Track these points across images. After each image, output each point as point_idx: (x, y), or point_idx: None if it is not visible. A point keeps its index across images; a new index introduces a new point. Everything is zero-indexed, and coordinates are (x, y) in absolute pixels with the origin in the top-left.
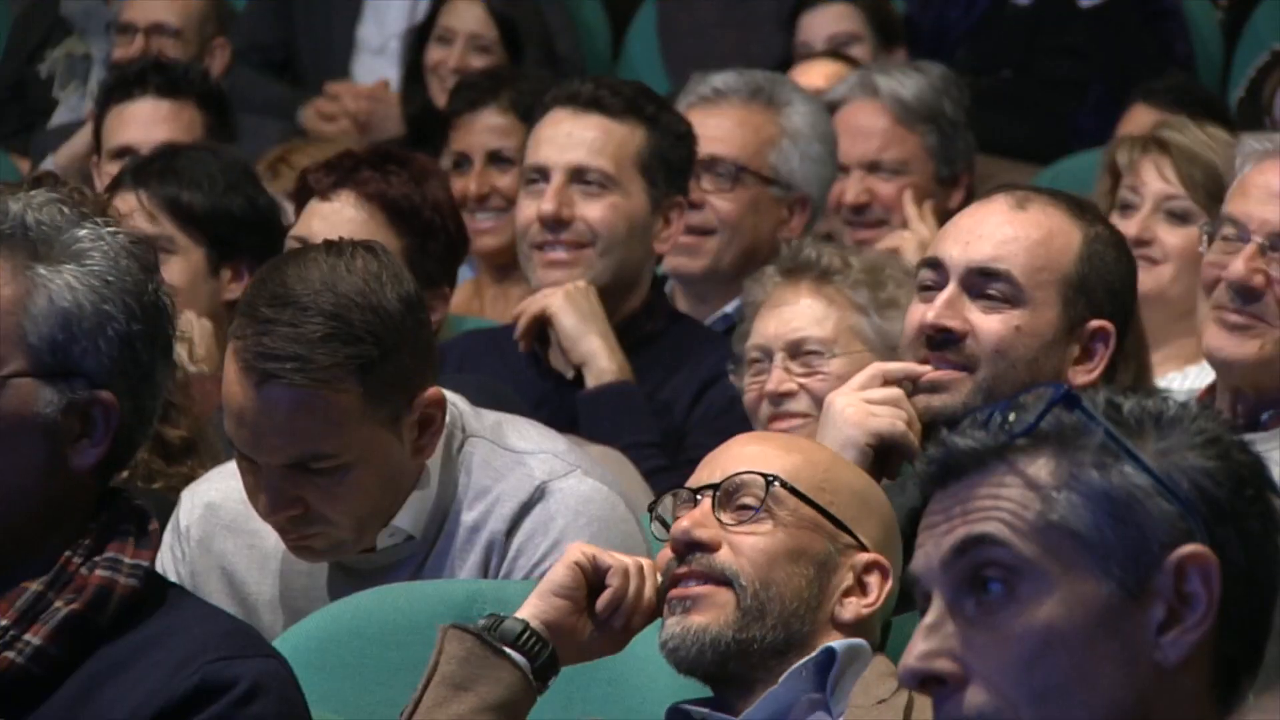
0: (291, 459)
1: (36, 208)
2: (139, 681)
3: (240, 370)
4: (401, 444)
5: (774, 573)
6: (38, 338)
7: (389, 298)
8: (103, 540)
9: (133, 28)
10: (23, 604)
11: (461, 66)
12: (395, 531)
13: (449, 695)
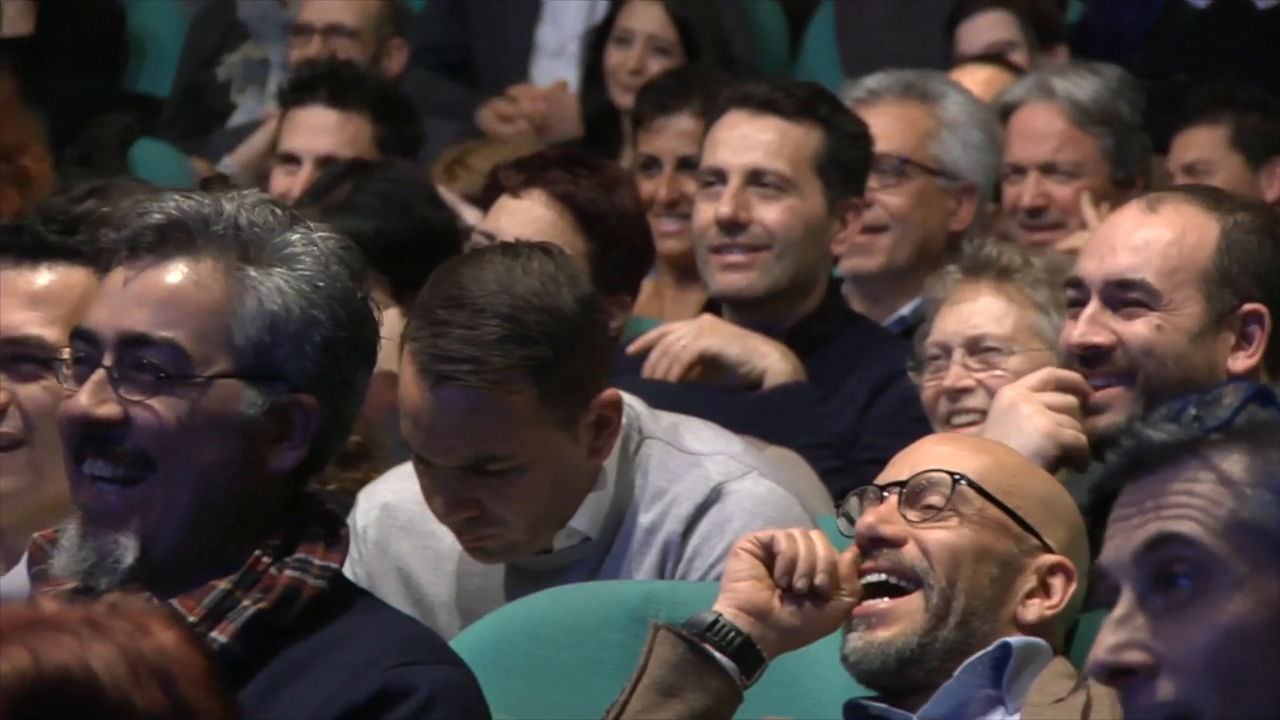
0: (466, 460)
1: (249, 208)
2: (320, 683)
3: (416, 372)
4: (576, 446)
5: (959, 570)
6: (244, 339)
7: (565, 299)
8: (293, 541)
9: (309, 29)
10: (210, 602)
11: (640, 68)
12: (572, 533)
13: (657, 702)
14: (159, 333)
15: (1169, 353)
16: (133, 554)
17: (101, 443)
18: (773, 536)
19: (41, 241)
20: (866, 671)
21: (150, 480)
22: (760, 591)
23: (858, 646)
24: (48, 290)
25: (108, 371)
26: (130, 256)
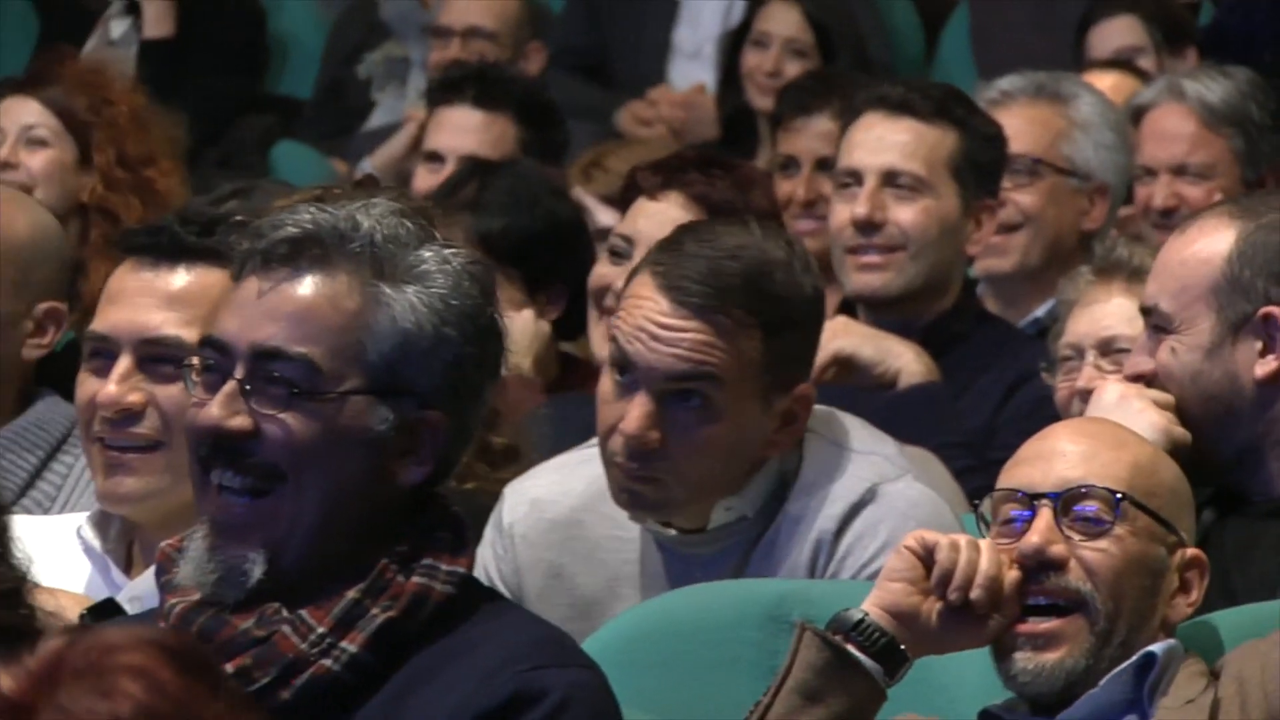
0: (683, 373)
1: (383, 223)
2: (451, 688)
3: (658, 288)
4: (762, 425)
5: (1123, 590)
6: (377, 355)
7: (805, 281)
8: (420, 548)
9: (449, 31)
10: (340, 611)
11: (777, 70)
12: (731, 509)
13: (799, 706)
14: (293, 348)
15: (1184, 373)
16: (260, 568)
17: (231, 455)
18: (936, 542)
19: (180, 243)
20: (1037, 693)
21: (279, 492)
22: (911, 595)
23: (1028, 668)
24: (186, 291)
25: (239, 384)
26: (264, 267)
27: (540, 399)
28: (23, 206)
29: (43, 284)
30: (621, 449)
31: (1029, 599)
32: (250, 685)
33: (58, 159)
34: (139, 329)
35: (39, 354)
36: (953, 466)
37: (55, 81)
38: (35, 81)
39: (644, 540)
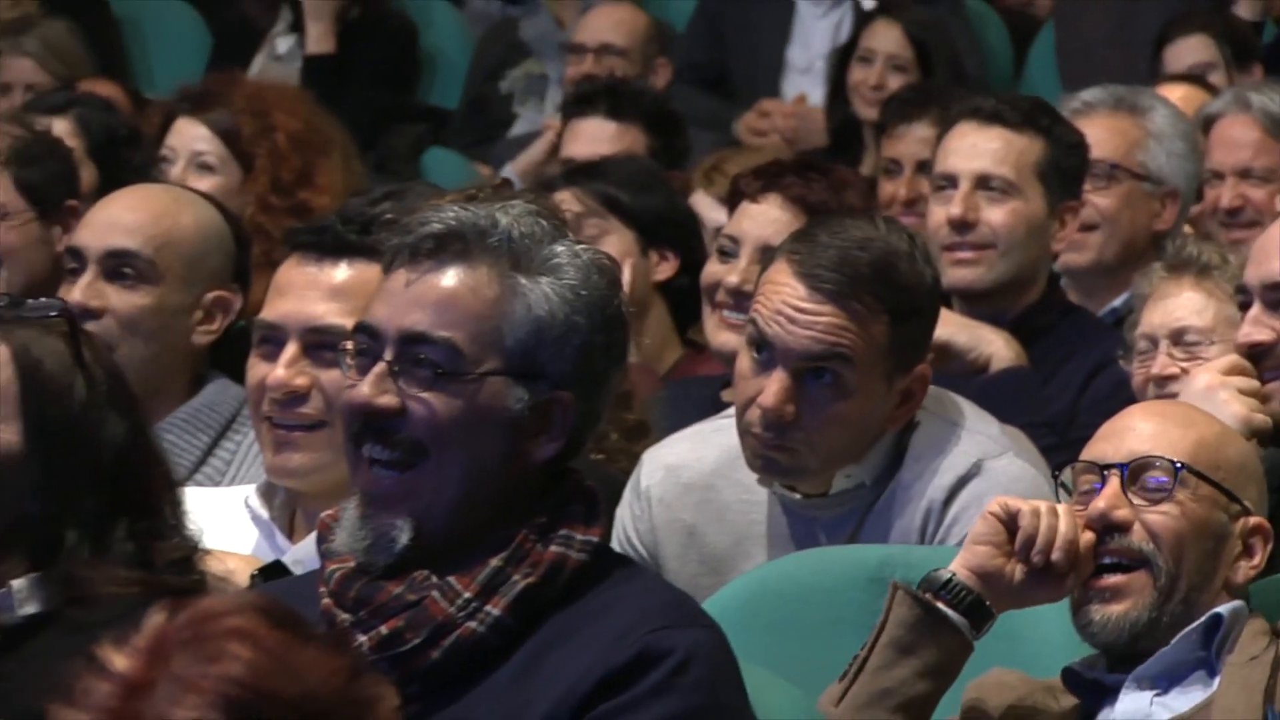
0: (818, 353)
1: (520, 221)
2: (584, 649)
3: (794, 274)
4: (885, 402)
5: (1183, 551)
6: (513, 341)
7: (924, 271)
8: (556, 519)
9: (583, 48)
10: (484, 578)
11: (880, 84)
12: (852, 477)
13: (894, 658)
14: (438, 332)
15: None
16: (407, 535)
17: (379, 431)
18: (1019, 509)
19: (341, 240)
20: (1104, 642)
21: (422, 467)
22: (995, 558)
23: (1096, 619)
24: (346, 284)
25: (388, 365)
26: (411, 260)
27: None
28: (187, 203)
29: (210, 275)
30: (759, 420)
31: (1099, 558)
32: (403, 646)
33: (224, 185)
34: (305, 318)
35: (208, 340)
36: (1039, 444)
37: (223, 104)
38: (204, 104)
39: (770, 503)
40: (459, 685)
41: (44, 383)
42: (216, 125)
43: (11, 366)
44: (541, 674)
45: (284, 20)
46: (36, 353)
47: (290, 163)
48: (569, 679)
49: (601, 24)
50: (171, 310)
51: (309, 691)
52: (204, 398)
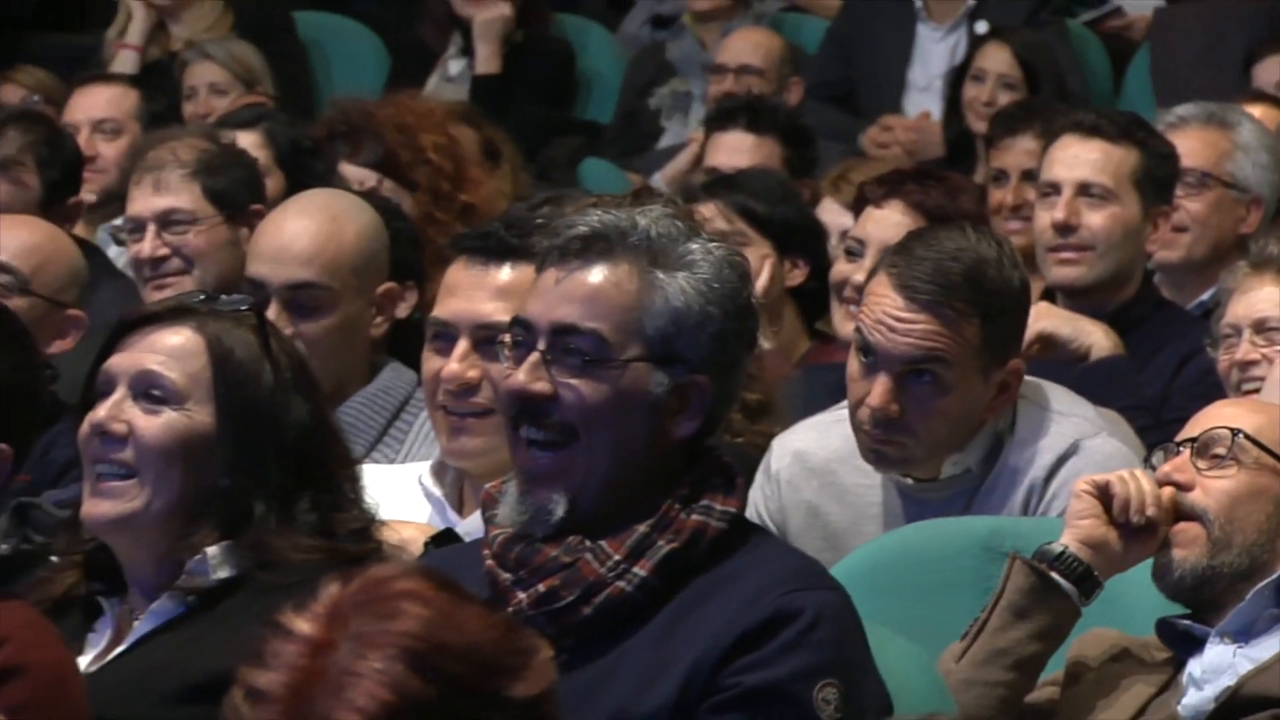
0: (916, 358)
1: (657, 222)
2: (722, 609)
3: (894, 286)
4: (983, 394)
5: (1236, 510)
6: (654, 330)
7: (1012, 275)
8: (697, 491)
9: (724, 68)
10: (632, 543)
11: (991, 100)
12: (958, 463)
13: (1010, 621)
14: (586, 324)
15: None
16: (563, 508)
17: (534, 414)
18: (1108, 480)
19: (504, 244)
20: (1168, 585)
21: (574, 447)
22: (1099, 528)
23: (1161, 564)
24: (510, 284)
25: (541, 354)
26: (560, 260)
27: (791, 369)
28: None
29: (377, 274)
30: (868, 419)
31: None
32: (558, 602)
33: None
34: (474, 317)
35: (382, 331)
36: (1134, 425)
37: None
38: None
39: (885, 487)
40: (608, 639)
41: (235, 370)
42: (373, 162)
43: (206, 355)
44: (684, 630)
45: (455, 44)
46: (228, 343)
47: (445, 172)
48: (709, 635)
49: (741, 46)
50: (350, 319)
51: (474, 642)
52: (379, 382)
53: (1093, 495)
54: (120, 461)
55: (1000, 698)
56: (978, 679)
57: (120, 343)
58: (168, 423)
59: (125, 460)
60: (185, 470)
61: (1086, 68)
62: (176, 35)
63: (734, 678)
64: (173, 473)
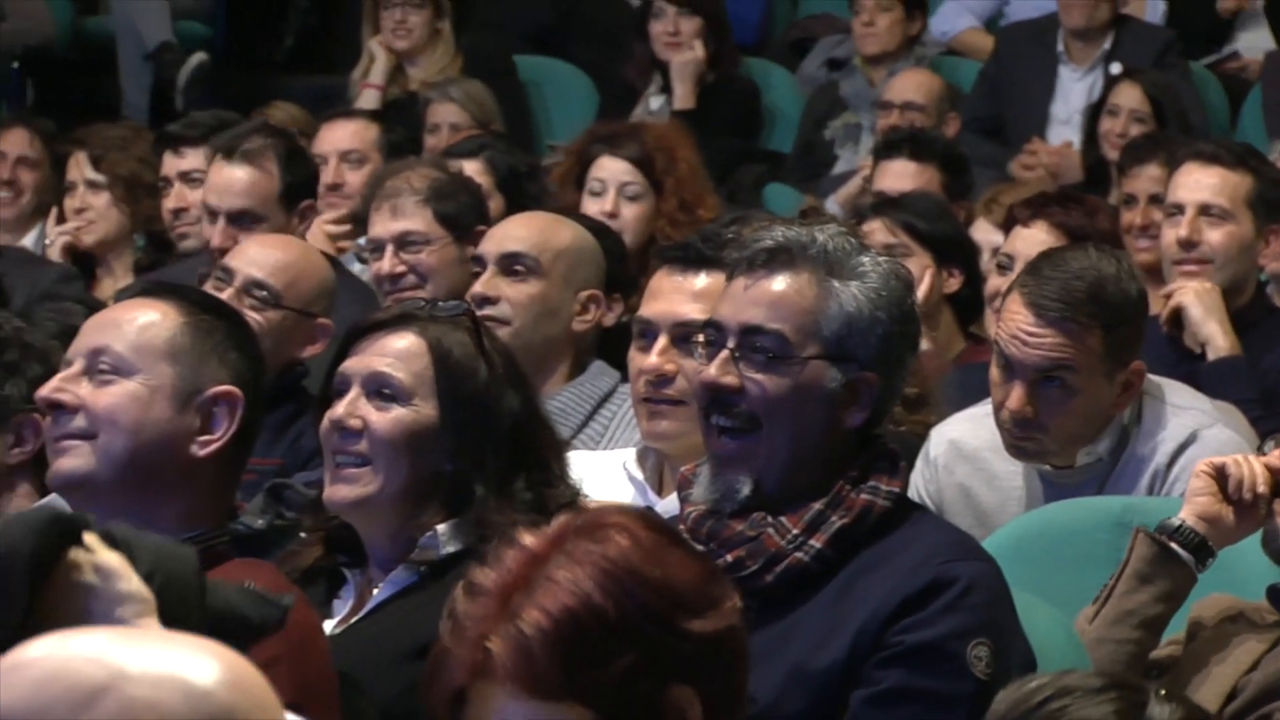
0: (1043, 370)
1: (833, 238)
2: (887, 577)
3: (1025, 303)
4: (1109, 393)
5: None
6: (829, 331)
7: (1130, 287)
8: (866, 473)
9: (891, 104)
10: (809, 519)
11: (1124, 133)
12: (1091, 453)
13: (1135, 586)
14: (770, 325)
15: None
16: (748, 488)
17: (723, 405)
18: (1224, 462)
19: (701, 255)
20: (1275, 552)
21: (758, 434)
22: (1214, 505)
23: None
24: (704, 290)
25: (731, 352)
26: (749, 269)
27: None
28: (566, 224)
29: (583, 279)
30: (1008, 420)
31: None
32: (743, 571)
33: (645, 208)
34: (673, 316)
35: (584, 329)
36: (1249, 415)
37: (635, 142)
38: (619, 142)
39: (1028, 474)
40: (788, 603)
41: (454, 368)
42: (634, 158)
43: (428, 356)
44: (854, 595)
45: (655, 83)
46: (447, 344)
47: (690, 188)
48: (876, 600)
49: (905, 85)
50: (553, 301)
51: (669, 578)
52: (586, 376)
53: (1210, 475)
54: (356, 452)
55: (1129, 654)
56: (1109, 637)
57: (354, 347)
58: (396, 417)
59: (360, 451)
60: (413, 458)
61: (1206, 104)
62: (413, 76)
63: (897, 637)
64: (402, 460)
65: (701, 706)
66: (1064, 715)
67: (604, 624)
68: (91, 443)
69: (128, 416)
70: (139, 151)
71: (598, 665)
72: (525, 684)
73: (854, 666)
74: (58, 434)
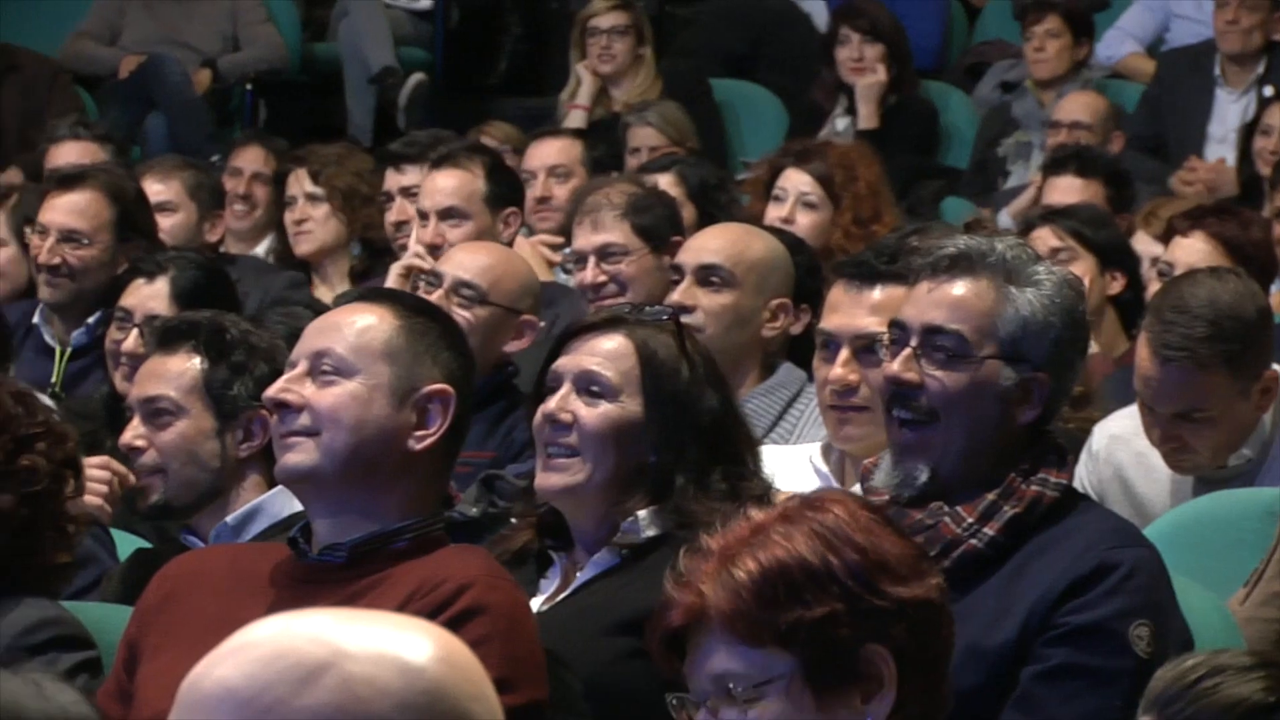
0: (1176, 411)
1: (1010, 247)
2: (1055, 562)
3: (1150, 351)
4: (1247, 404)
5: None
6: (1005, 333)
7: (1249, 310)
8: (1036, 466)
9: (1059, 124)
10: (983, 508)
11: (1277, 150)
12: (1240, 455)
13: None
14: (950, 325)
15: None
16: (925, 476)
17: (904, 399)
18: None
19: (875, 270)
20: None
21: (936, 426)
22: None
23: None
24: (881, 302)
25: (913, 350)
26: (932, 274)
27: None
28: (758, 235)
29: (773, 288)
30: (1159, 443)
31: None
32: None
33: (821, 218)
34: (853, 329)
35: (773, 335)
36: None
37: (819, 158)
38: (806, 157)
39: None
40: (963, 587)
41: (658, 368)
42: (816, 173)
43: (635, 356)
44: (1024, 579)
45: (841, 105)
46: (653, 345)
47: (867, 205)
48: (1045, 583)
49: (1073, 106)
50: (744, 311)
51: (876, 545)
52: (776, 378)
53: None
54: (566, 444)
55: (1276, 632)
56: (1258, 617)
57: (565, 347)
58: (604, 412)
59: (570, 443)
60: (619, 450)
61: None
62: (616, 98)
63: (1064, 617)
64: (609, 452)
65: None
66: (1217, 692)
67: (809, 573)
68: (315, 439)
69: (349, 414)
70: (354, 166)
71: (800, 609)
72: (732, 625)
73: (1024, 645)
74: (283, 431)
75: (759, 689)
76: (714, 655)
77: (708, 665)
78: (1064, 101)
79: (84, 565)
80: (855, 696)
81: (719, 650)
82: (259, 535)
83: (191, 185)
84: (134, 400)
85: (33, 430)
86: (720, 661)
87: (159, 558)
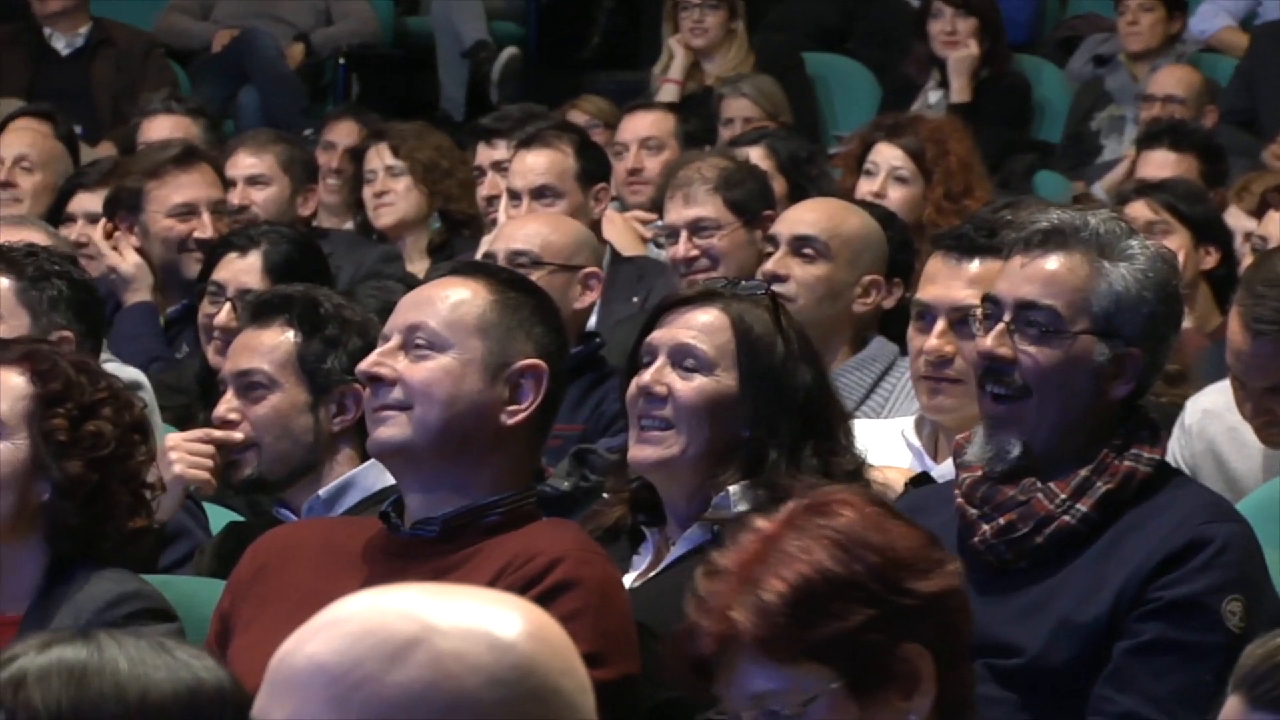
0: (1268, 385)
1: (1105, 222)
2: (1149, 538)
3: (1241, 325)
4: None
5: None
6: (1099, 309)
7: None
8: (1129, 441)
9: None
10: (1075, 484)
11: None
12: None
13: None
14: (1044, 301)
15: None
16: (1017, 450)
17: (997, 373)
18: None
19: (974, 243)
20: None
21: (1028, 401)
22: None
23: None
24: (978, 275)
25: (1006, 325)
26: (1025, 249)
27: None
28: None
29: (867, 263)
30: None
31: None
32: (1015, 533)
33: (912, 193)
34: (950, 301)
35: (865, 310)
36: None
37: (911, 133)
38: (898, 131)
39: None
40: (1056, 562)
41: (754, 342)
42: (908, 147)
43: (730, 331)
44: (1118, 555)
45: (933, 78)
46: (748, 320)
47: (958, 179)
48: (1138, 558)
49: (1166, 80)
50: (837, 284)
51: (891, 542)
52: (868, 351)
53: None
54: (661, 417)
55: None
56: None
57: (660, 320)
58: (700, 386)
59: (665, 416)
60: (713, 424)
61: None
62: (709, 71)
63: (1157, 592)
64: (703, 425)
65: (934, 664)
66: None
67: (835, 585)
68: (408, 413)
69: (442, 389)
70: (435, 140)
71: (833, 623)
72: (767, 646)
73: (1117, 620)
74: (376, 405)
75: (805, 706)
76: (749, 677)
77: (745, 687)
78: (1157, 75)
79: (176, 539)
80: (896, 696)
81: (753, 671)
82: (351, 509)
83: (285, 159)
84: (227, 374)
85: (97, 396)
86: (758, 683)
87: (252, 531)
